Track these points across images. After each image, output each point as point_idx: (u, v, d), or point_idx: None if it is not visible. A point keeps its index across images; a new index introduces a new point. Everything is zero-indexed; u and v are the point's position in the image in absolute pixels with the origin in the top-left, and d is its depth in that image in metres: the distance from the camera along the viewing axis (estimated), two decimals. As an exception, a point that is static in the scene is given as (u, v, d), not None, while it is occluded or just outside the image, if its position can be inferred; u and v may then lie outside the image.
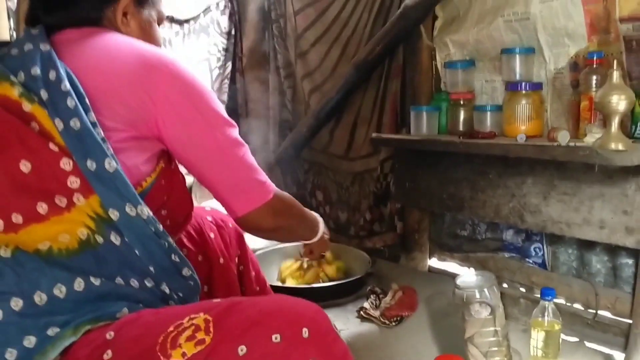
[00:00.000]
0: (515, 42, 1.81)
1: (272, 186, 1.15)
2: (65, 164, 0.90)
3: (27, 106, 0.92)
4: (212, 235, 1.37)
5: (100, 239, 0.92)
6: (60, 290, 0.87)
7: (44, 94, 0.92)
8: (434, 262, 2.26)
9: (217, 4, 2.91)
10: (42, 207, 0.89)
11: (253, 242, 1.67)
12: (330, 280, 1.99)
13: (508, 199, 1.77)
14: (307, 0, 2.65)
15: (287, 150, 2.90)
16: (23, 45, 0.98)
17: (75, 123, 0.90)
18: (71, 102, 0.91)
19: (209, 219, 1.41)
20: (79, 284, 0.89)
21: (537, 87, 1.74)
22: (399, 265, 2.29)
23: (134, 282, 0.95)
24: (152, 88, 0.98)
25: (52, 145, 0.90)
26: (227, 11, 2.95)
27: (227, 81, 3.04)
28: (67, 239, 0.90)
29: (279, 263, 2.17)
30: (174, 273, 1.00)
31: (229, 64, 3.02)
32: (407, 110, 2.13)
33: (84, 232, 0.91)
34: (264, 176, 1.14)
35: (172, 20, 2.77)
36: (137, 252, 0.94)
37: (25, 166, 0.89)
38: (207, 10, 2.87)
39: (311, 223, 1.42)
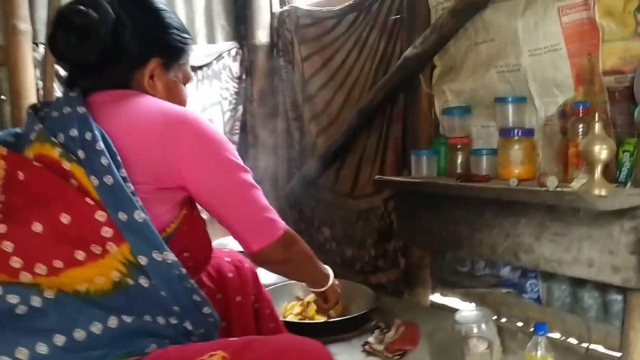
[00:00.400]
0: (507, 91, 1.94)
1: (282, 223, 1.25)
2: (100, 216, 1.00)
3: (66, 165, 1.02)
4: (230, 275, 1.48)
5: (130, 281, 1.02)
6: (96, 327, 0.98)
7: (81, 154, 1.02)
8: (436, 297, 2.36)
9: (229, 52, 3.08)
10: (79, 254, 1.00)
11: (265, 278, 1.78)
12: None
13: (503, 238, 1.87)
14: (314, 48, 2.81)
15: (296, 188, 3.02)
16: (62, 107, 1.09)
17: (108, 179, 1.00)
18: (105, 160, 1.01)
19: (227, 259, 1.52)
20: (112, 321, 0.99)
21: (528, 133, 1.86)
22: (402, 300, 2.39)
23: (161, 320, 1.06)
24: (176, 144, 1.10)
25: (88, 200, 1.00)
26: (239, 58, 3.13)
27: (238, 123, 3.19)
28: (102, 281, 1.01)
29: (287, 299, 2.29)
30: (196, 312, 1.11)
31: (240, 107, 3.19)
32: (408, 152, 2.25)
33: (117, 275, 1.01)
34: (275, 214, 1.24)
35: (186, 67, 2.93)
36: (162, 293, 1.05)
37: (65, 218, 0.99)
38: (219, 57, 3.04)
39: (320, 266, 1.52)
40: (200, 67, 2.99)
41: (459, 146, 2.06)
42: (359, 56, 2.55)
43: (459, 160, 2.06)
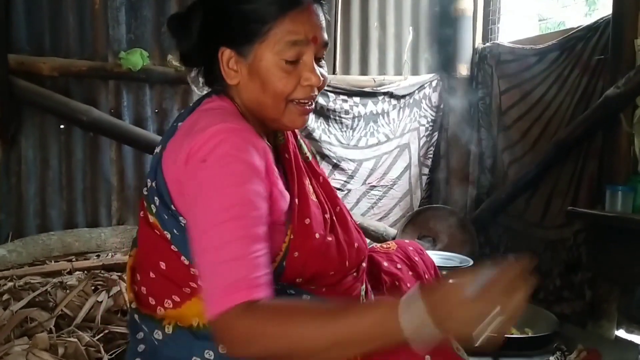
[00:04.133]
0: None
1: (238, 294, 0.87)
2: (184, 259, 1.03)
3: (151, 217, 1.06)
4: (416, 258, 1.63)
5: None
6: (209, 354, 1.01)
7: (153, 207, 1.05)
8: (621, 333, 2.37)
9: (430, 83, 3.36)
10: (186, 290, 1.04)
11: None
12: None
13: (699, 280, 1.89)
14: (513, 82, 2.97)
15: (484, 213, 3.18)
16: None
17: (176, 231, 1.02)
18: (166, 214, 1.02)
19: (411, 248, 1.68)
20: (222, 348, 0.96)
21: None
22: (585, 331, 2.44)
23: None
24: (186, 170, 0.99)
25: (173, 247, 1.04)
26: (439, 88, 3.39)
27: (432, 148, 3.45)
28: None
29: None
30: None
31: (436, 134, 3.44)
32: (602, 187, 2.32)
33: None
34: (234, 277, 0.89)
35: (391, 95, 3.27)
36: None
37: (162, 265, 1.05)
38: (421, 88, 3.33)
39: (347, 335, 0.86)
40: (403, 96, 3.30)
41: (657, 185, 2.10)
42: (558, 92, 2.67)
43: (657, 199, 2.10)
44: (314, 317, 0.87)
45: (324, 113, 3.14)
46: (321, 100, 3.09)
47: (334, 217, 1.18)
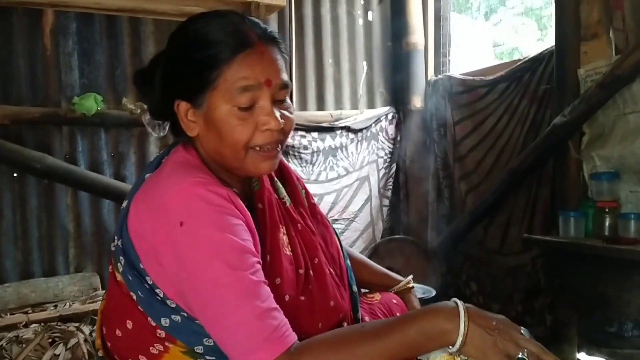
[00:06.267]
0: (656, 159, 2.03)
1: (277, 346, 0.89)
2: (151, 321, 0.99)
3: (118, 276, 1.03)
4: (398, 314, 1.64)
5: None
6: None
7: (119, 267, 1.02)
8: (582, 356, 2.40)
9: (387, 116, 3.42)
10: (154, 349, 1.01)
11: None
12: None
13: (652, 301, 1.94)
14: (466, 113, 3.05)
15: (445, 242, 3.22)
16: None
17: (140, 294, 0.99)
18: (131, 274, 0.99)
19: (395, 301, 1.67)
20: None
21: (678, 200, 1.93)
22: (549, 356, 2.47)
23: None
24: (152, 234, 0.96)
25: (140, 307, 1.00)
26: (395, 121, 3.46)
27: (391, 180, 3.49)
28: None
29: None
30: None
31: (394, 165, 3.49)
32: (556, 213, 2.37)
33: None
34: (265, 332, 0.90)
35: (348, 129, 3.31)
36: None
37: (129, 324, 1.02)
38: (378, 121, 3.39)
39: (397, 335, 0.94)
40: (360, 130, 3.35)
41: (607, 210, 2.15)
42: (509, 122, 2.75)
43: (607, 223, 2.15)
44: (362, 338, 0.93)
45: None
46: (279, 137, 3.10)
47: (311, 271, 1.12)
